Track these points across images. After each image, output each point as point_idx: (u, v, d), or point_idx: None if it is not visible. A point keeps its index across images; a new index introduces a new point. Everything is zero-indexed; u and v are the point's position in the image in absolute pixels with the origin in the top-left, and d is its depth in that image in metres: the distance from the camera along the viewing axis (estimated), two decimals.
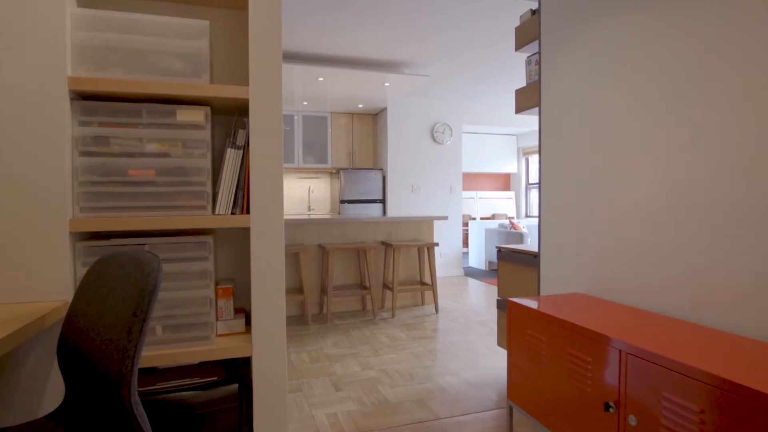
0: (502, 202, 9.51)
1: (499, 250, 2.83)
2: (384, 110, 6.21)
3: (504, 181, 9.91)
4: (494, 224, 7.11)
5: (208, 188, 1.41)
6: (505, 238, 6.52)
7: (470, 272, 6.83)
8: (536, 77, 2.49)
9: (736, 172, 1.41)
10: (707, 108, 1.50)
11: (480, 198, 9.33)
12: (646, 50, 1.72)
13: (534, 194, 9.25)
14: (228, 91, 1.39)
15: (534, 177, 9.25)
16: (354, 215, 4.91)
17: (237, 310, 1.65)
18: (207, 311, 1.41)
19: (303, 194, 6.63)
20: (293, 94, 5.32)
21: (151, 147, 1.36)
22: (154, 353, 1.34)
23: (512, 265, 2.72)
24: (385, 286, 4.46)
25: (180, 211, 1.38)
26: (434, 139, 6.34)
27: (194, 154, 1.39)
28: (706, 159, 1.50)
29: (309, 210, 6.62)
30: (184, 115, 1.38)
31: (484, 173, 9.69)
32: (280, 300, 1.44)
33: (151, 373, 1.44)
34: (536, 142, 8.92)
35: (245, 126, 1.48)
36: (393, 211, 6.20)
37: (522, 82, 5.50)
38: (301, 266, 3.90)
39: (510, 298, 1.93)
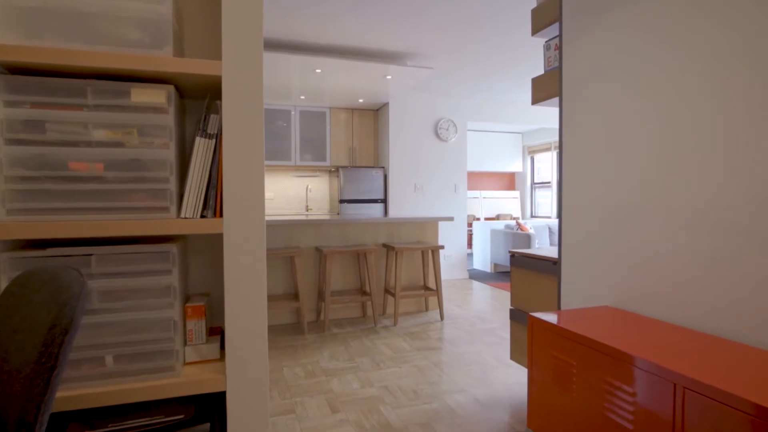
0: (507, 202, 9.24)
1: (513, 255, 2.56)
2: (386, 105, 5.95)
3: (509, 181, 9.64)
4: (500, 225, 6.85)
5: (172, 186, 1.15)
6: (511, 240, 6.26)
7: (475, 275, 6.57)
8: (556, 64, 2.23)
9: None
10: None
11: (484, 198, 9.07)
12: (694, 25, 1.45)
13: (540, 194, 8.99)
14: (195, 66, 1.13)
15: (539, 176, 8.98)
16: (354, 215, 4.66)
17: (213, 331, 1.40)
18: (170, 336, 1.15)
19: (300, 193, 6.37)
20: (289, 87, 5.06)
21: (99, 134, 1.10)
22: (102, 390, 1.09)
23: (527, 272, 2.46)
24: (387, 291, 4.20)
25: (136, 214, 1.13)
26: (438, 136, 6.07)
27: (154, 144, 1.13)
28: None
29: (307, 210, 6.36)
30: (141, 95, 1.12)
31: (488, 172, 9.43)
32: (260, 322, 1.18)
33: (101, 413, 1.18)
34: (542, 140, 8.65)
35: (219, 110, 1.22)
36: (395, 211, 5.94)
37: (533, 73, 5.24)
38: (297, 270, 3.65)
39: (531, 313, 1.66)
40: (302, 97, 5.55)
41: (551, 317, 1.62)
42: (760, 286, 1.28)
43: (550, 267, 2.27)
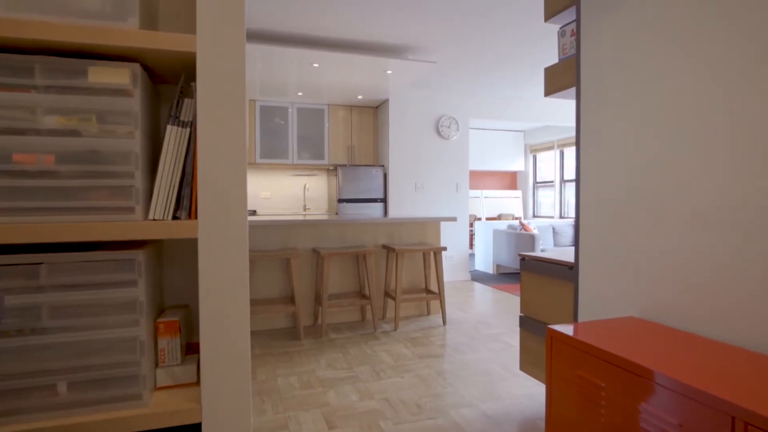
0: (509, 202, 9.08)
1: (523, 259, 2.39)
2: (385, 102, 5.78)
3: (510, 180, 9.48)
4: (502, 225, 6.68)
5: (138, 182, 0.97)
6: (514, 240, 6.09)
7: (477, 276, 6.40)
8: (572, 51, 2.06)
9: None
10: None
11: (485, 197, 8.90)
12: (725, 7, 1.28)
13: (542, 193, 8.83)
14: (165, 41, 0.96)
15: (541, 175, 8.81)
16: (353, 215, 4.48)
17: (192, 348, 1.23)
18: (135, 359, 0.97)
19: (298, 193, 6.20)
20: (286, 82, 4.88)
21: (50, 121, 0.93)
22: (54, 423, 0.91)
23: (539, 276, 2.29)
24: (387, 294, 4.03)
25: (94, 216, 0.95)
26: (439, 134, 5.90)
27: (116, 133, 0.96)
28: None
29: (304, 210, 6.19)
30: (100, 74, 0.95)
31: (489, 171, 9.26)
32: (242, 342, 1.01)
33: None
34: (545, 139, 8.49)
35: (193, 94, 1.05)
36: (395, 211, 5.77)
37: (539, 68, 5.07)
38: (293, 273, 3.47)
39: (551, 326, 1.49)
40: (300, 94, 5.37)
41: (574, 330, 1.44)
42: None
43: (565, 272, 2.10)
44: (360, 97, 5.55)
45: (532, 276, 2.34)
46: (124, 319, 0.97)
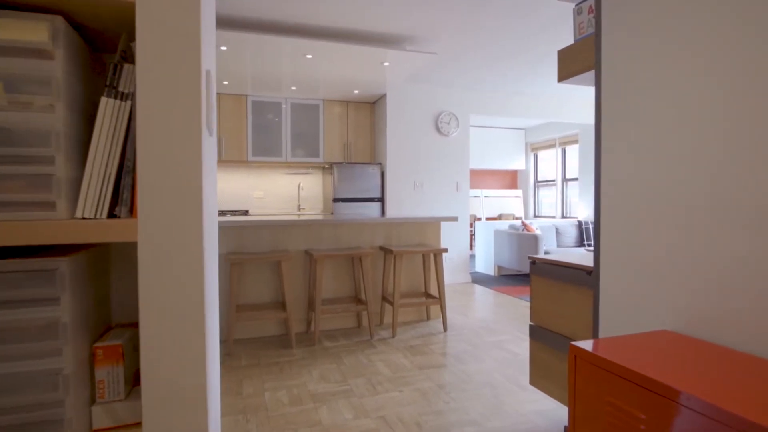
0: (509, 201, 8.88)
1: (533, 262, 2.18)
2: (383, 97, 5.56)
3: (511, 179, 9.28)
4: (504, 225, 6.47)
5: (61, 169, 0.75)
6: (516, 241, 5.88)
7: (477, 278, 6.19)
8: (590, 30, 1.85)
9: None
10: None
11: (485, 197, 8.69)
12: None
13: (543, 193, 8.62)
14: None
15: (543, 174, 8.61)
16: (349, 215, 4.26)
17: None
18: (57, 397, 0.76)
19: (292, 192, 5.97)
20: (279, 76, 4.66)
21: None
22: None
23: (551, 282, 2.07)
24: (384, 299, 3.81)
25: (2, 213, 0.73)
26: (439, 131, 5.68)
27: (32, 106, 0.74)
28: None
29: (299, 209, 5.96)
30: (10, 29, 0.73)
31: (489, 170, 9.06)
32: (197, 372, 0.79)
33: None
34: (546, 137, 8.28)
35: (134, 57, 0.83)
36: (393, 210, 5.55)
37: (543, 61, 4.86)
38: (284, 277, 3.25)
39: (574, 342, 1.28)
40: (293, 88, 5.15)
41: (602, 348, 1.23)
42: None
43: (582, 277, 1.88)
44: (356, 92, 5.33)
45: (544, 281, 2.13)
46: (42, 348, 0.75)
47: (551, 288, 2.09)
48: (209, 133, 1.04)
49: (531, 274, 2.21)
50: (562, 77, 1.98)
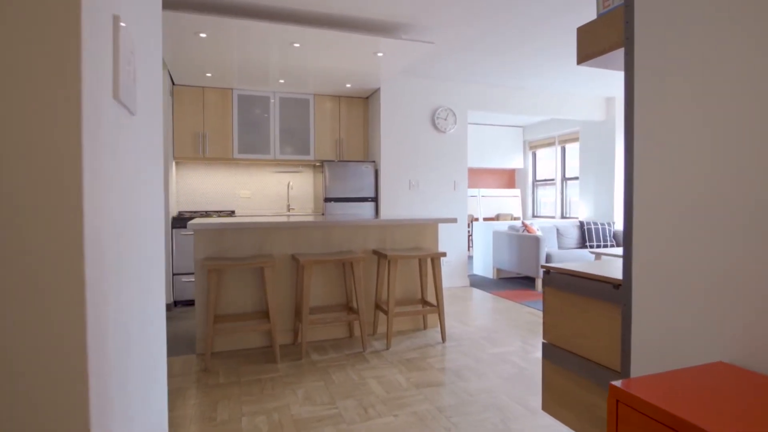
0: (507, 201, 8.63)
1: (547, 272, 1.91)
2: (377, 91, 5.28)
3: (508, 178, 9.02)
4: (503, 226, 6.21)
5: None
6: (516, 243, 5.62)
7: (476, 282, 5.92)
8: (617, 2, 1.57)
9: None
10: None
11: (483, 196, 8.44)
12: None
13: (542, 192, 8.38)
14: None
15: (542, 173, 8.36)
16: (340, 216, 3.98)
17: None
18: None
19: (281, 191, 5.67)
20: (266, 67, 4.37)
21: None
22: None
23: (568, 295, 1.80)
24: (378, 307, 3.53)
25: None
26: (435, 127, 5.41)
27: None
28: None
29: (288, 210, 5.67)
30: None
31: (487, 169, 8.80)
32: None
33: None
34: (545, 135, 8.03)
35: None
36: (387, 211, 5.27)
37: (546, 54, 4.59)
38: (267, 284, 2.96)
39: (615, 383, 1.00)
40: (281, 81, 4.86)
41: (654, 390, 0.96)
42: None
43: (608, 292, 1.61)
44: (348, 85, 5.04)
45: (559, 294, 1.86)
46: None
47: (568, 301, 1.82)
48: (130, 111, 0.75)
49: (544, 286, 1.94)
50: (582, 59, 1.71)
